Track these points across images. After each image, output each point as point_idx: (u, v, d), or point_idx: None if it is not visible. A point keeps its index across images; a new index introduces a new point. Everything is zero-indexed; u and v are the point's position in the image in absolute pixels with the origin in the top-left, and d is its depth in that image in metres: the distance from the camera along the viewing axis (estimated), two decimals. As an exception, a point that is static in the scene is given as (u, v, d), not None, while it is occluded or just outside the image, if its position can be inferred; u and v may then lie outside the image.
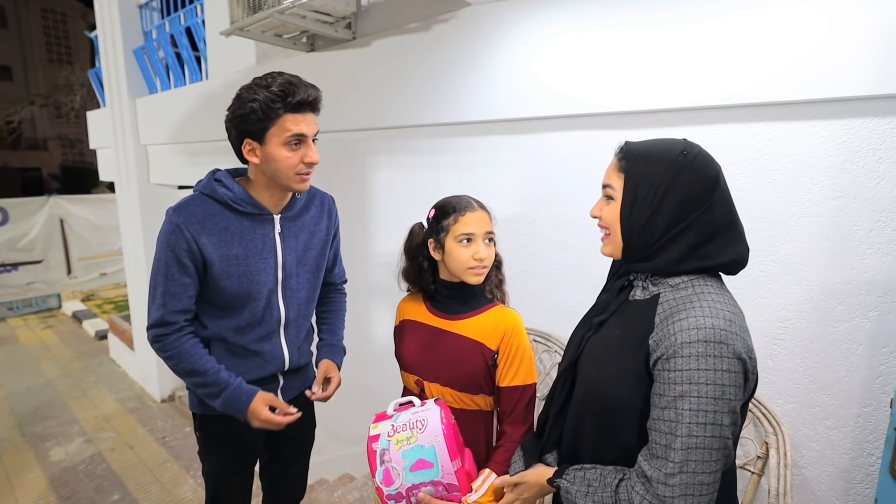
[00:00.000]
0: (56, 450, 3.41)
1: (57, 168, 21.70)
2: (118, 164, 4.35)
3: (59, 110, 17.97)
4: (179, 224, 1.15)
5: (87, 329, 6.26)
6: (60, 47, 22.94)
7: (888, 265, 1.13)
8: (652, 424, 0.77)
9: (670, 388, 0.74)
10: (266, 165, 1.18)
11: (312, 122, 1.19)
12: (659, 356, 0.76)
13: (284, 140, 1.14)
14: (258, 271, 1.24)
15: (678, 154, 0.80)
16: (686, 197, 0.79)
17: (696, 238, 0.80)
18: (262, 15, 2.05)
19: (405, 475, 1.05)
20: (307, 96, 1.15)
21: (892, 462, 1.01)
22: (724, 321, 0.74)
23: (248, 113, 1.13)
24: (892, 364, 1.13)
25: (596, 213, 0.91)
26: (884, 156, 1.12)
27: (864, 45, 1.09)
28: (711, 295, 0.78)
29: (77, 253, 8.50)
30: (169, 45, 3.73)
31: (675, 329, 0.75)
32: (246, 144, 1.17)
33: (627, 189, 0.83)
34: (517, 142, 1.78)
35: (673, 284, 0.82)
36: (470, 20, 1.81)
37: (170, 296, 1.17)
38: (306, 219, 1.34)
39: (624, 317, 0.88)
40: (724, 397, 0.72)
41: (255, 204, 1.22)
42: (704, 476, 0.73)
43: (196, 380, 1.21)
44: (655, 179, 0.80)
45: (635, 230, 0.83)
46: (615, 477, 0.82)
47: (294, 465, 1.55)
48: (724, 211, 0.81)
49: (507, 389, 1.15)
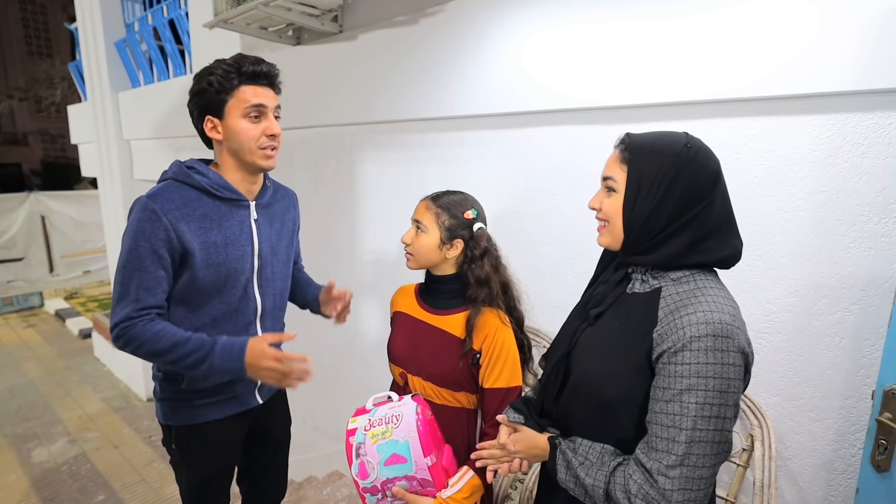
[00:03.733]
0: (39, 450, 3.35)
1: (38, 164, 21.26)
2: (101, 159, 4.26)
3: (39, 104, 17.62)
4: (157, 210, 1.08)
5: (70, 328, 6.16)
6: (40, 40, 22.43)
7: (871, 259, 1.14)
8: (653, 418, 0.77)
9: (676, 382, 0.74)
10: (228, 142, 1.17)
11: (272, 96, 1.19)
12: (665, 350, 0.76)
13: (243, 112, 1.14)
14: (235, 259, 1.20)
15: (682, 147, 0.80)
16: (689, 191, 0.79)
17: (697, 232, 0.80)
18: (247, 7, 2.01)
19: (380, 469, 1.05)
20: (261, 67, 1.15)
21: (874, 453, 1.03)
22: (728, 315, 0.75)
23: (205, 87, 1.13)
24: (874, 357, 1.15)
25: (595, 204, 0.89)
26: (867, 150, 1.13)
27: (849, 41, 1.10)
28: (714, 290, 0.79)
29: (59, 250, 8.34)
30: (152, 38, 3.66)
31: (683, 323, 0.75)
32: (207, 122, 1.17)
33: (631, 181, 0.82)
34: (505, 136, 1.78)
35: (675, 278, 0.82)
36: (458, 14, 1.80)
37: (143, 290, 1.09)
38: (277, 208, 1.33)
39: (623, 309, 0.87)
40: (729, 391, 0.73)
41: (231, 189, 1.20)
42: (704, 470, 0.73)
43: (177, 353, 1.08)
44: (660, 172, 0.79)
45: (637, 223, 0.82)
46: (613, 458, 0.82)
47: (273, 466, 1.51)
48: (724, 206, 0.82)
49: (490, 391, 1.14)
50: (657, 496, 0.74)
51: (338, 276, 1.45)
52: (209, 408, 1.26)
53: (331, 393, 2.67)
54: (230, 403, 1.29)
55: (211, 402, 1.26)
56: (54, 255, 8.35)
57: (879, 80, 1.07)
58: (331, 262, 2.54)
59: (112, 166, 4.10)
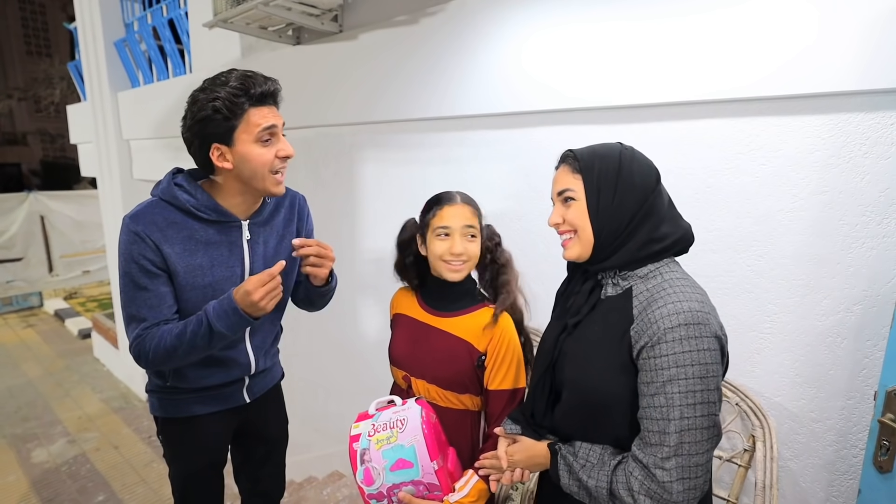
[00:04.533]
0: (38, 451, 3.35)
1: (37, 163, 21.25)
2: (100, 159, 4.26)
3: (38, 104, 17.60)
4: (139, 233, 1.07)
5: (69, 328, 6.16)
6: (39, 39, 22.41)
7: (873, 259, 1.14)
8: (643, 413, 0.79)
9: (658, 374, 0.77)
10: (240, 169, 1.09)
11: (278, 115, 1.13)
12: (643, 344, 0.79)
13: (256, 136, 1.07)
14: (223, 280, 1.16)
15: (621, 148, 0.88)
16: (640, 182, 0.85)
17: (654, 220, 0.85)
18: (247, 6, 2.01)
19: (385, 475, 1.04)
20: (269, 87, 1.09)
21: (876, 454, 1.03)
22: (697, 303, 0.78)
23: (210, 114, 1.04)
24: (876, 357, 1.15)
25: (556, 220, 0.92)
26: (869, 151, 1.12)
27: (851, 41, 1.09)
28: (680, 280, 0.83)
29: (59, 250, 8.33)
30: (151, 38, 3.65)
31: (655, 316, 0.78)
32: (214, 150, 1.08)
33: (589, 186, 0.87)
34: (506, 136, 1.77)
35: (642, 275, 0.86)
36: (458, 13, 1.79)
37: (148, 308, 1.09)
38: (276, 222, 1.27)
39: (599, 314, 0.90)
40: (709, 375, 0.76)
41: (220, 211, 1.14)
42: (698, 457, 0.76)
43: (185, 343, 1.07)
44: (611, 171, 0.86)
45: (606, 221, 0.86)
46: (613, 457, 0.84)
47: (268, 465, 1.49)
48: (665, 193, 0.89)
49: (495, 393, 1.14)
50: (658, 489, 0.76)
51: (338, 276, 1.44)
52: (193, 402, 1.26)
53: (330, 393, 2.66)
54: (216, 400, 1.28)
55: (195, 397, 1.26)
56: (53, 255, 8.34)
57: (881, 79, 1.07)
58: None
59: (111, 166, 4.09)
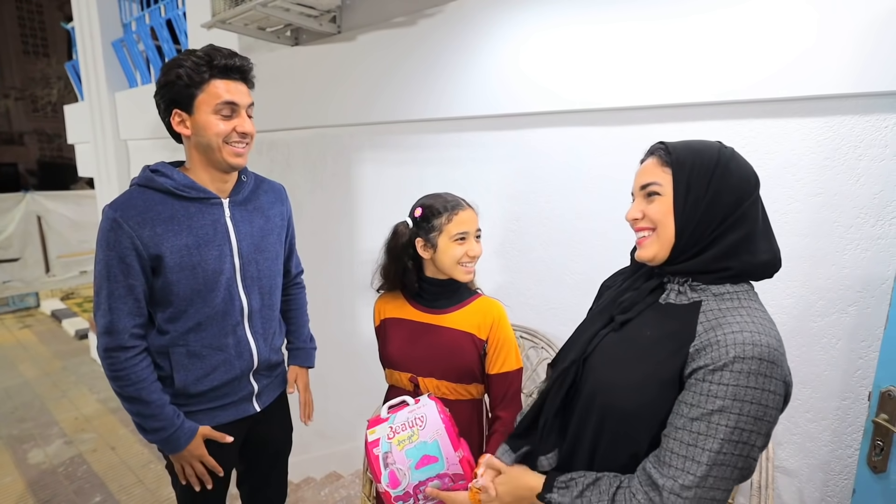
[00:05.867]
0: (35, 452, 3.34)
1: (34, 163, 21.17)
2: (97, 159, 4.25)
3: (35, 104, 17.54)
4: (117, 219, 1.06)
5: (66, 328, 6.13)
6: (36, 39, 22.35)
7: (867, 261, 1.15)
8: (673, 433, 0.72)
9: (708, 401, 0.70)
10: (196, 137, 1.12)
11: (245, 93, 1.13)
12: (702, 366, 0.71)
13: (214, 108, 1.09)
14: (212, 259, 1.16)
15: (720, 146, 0.80)
16: (738, 185, 0.77)
17: (748, 229, 0.77)
18: (245, 7, 2.01)
19: (411, 474, 1.05)
20: (234, 61, 1.10)
21: (870, 454, 1.04)
22: (775, 340, 0.71)
23: (173, 80, 1.07)
24: (871, 358, 1.16)
25: (636, 214, 0.84)
26: (863, 153, 1.13)
27: (847, 45, 1.10)
28: (759, 311, 0.75)
29: (56, 250, 8.29)
30: (149, 38, 3.65)
31: (727, 340, 0.71)
32: (175, 115, 1.11)
33: (678, 181, 0.79)
34: (503, 138, 1.78)
35: (717, 293, 0.78)
36: (456, 15, 1.80)
37: (115, 299, 1.09)
38: (259, 203, 1.27)
39: (654, 320, 0.82)
40: (765, 419, 0.69)
41: (197, 188, 1.14)
42: (718, 493, 0.70)
43: (137, 408, 1.13)
44: (707, 168, 0.77)
45: (692, 221, 0.78)
46: (611, 484, 0.77)
47: (272, 472, 1.48)
48: (763, 208, 0.80)
49: (497, 376, 1.18)
50: None
51: (336, 277, 1.44)
52: (203, 415, 1.23)
53: (329, 394, 2.66)
54: (226, 410, 1.26)
55: (204, 409, 1.23)
56: (50, 255, 8.31)
57: (877, 82, 1.08)
58: (329, 263, 2.54)
59: (109, 166, 4.08)
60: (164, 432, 1.14)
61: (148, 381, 1.13)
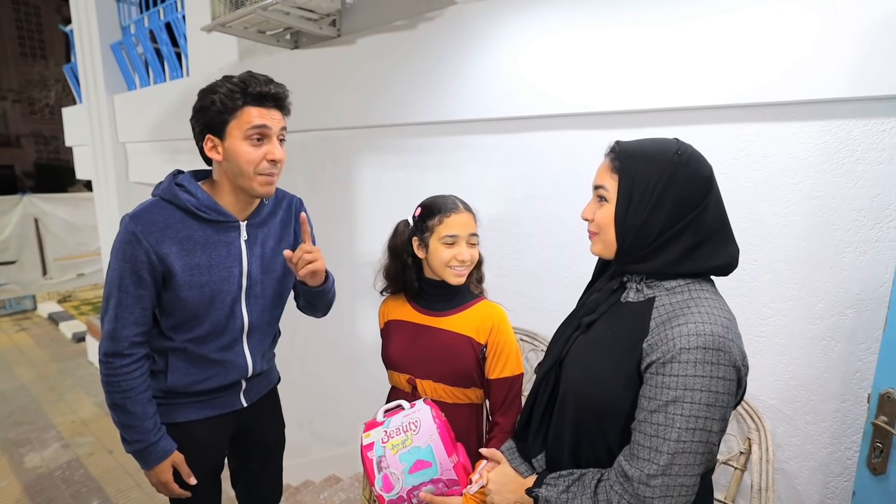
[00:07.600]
0: (31, 455, 3.32)
1: (31, 166, 21.10)
2: (95, 161, 4.25)
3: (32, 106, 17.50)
4: (137, 234, 1.09)
5: (63, 331, 6.11)
6: (34, 41, 22.33)
7: (866, 264, 1.16)
8: (637, 426, 0.77)
9: (663, 392, 0.73)
10: (227, 163, 1.13)
11: (277, 118, 1.14)
12: (654, 360, 0.75)
13: (245, 133, 1.10)
14: (222, 280, 1.18)
15: (673, 154, 0.79)
16: (682, 197, 0.78)
17: (691, 240, 0.79)
18: (245, 11, 2.01)
19: (405, 478, 1.05)
20: (269, 88, 1.11)
21: (870, 456, 1.04)
22: (721, 328, 0.73)
23: (208, 105, 1.09)
24: (870, 360, 1.16)
25: (588, 215, 0.88)
26: (861, 157, 1.14)
27: (846, 50, 1.11)
28: (708, 300, 0.78)
29: (53, 253, 8.28)
30: (148, 41, 3.65)
31: (673, 334, 0.74)
32: (207, 140, 1.13)
33: (622, 190, 0.81)
34: (503, 141, 1.78)
35: (669, 288, 0.81)
36: (456, 19, 1.81)
37: (122, 308, 1.12)
38: (273, 224, 1.29)
39: (615, 318, 0.86)
40: (717, 404, 0.72)
41: (220, 211, 1.16)
42: (686, 478, 0.73)
43: (119, 416, 1.15)
44: (651, 179, 0.78)
45: (630, 232, 0.80)
46: (593, 478, 0.81)
47: (265, 470, 1.49)
48: (718, 212, 0.81)
49: (497, 381, 1.17)
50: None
51: (335, 279, 1.44)
52: (189, 407, 1.25)
53: (328, 397, 2.66)
54: (213, 404, 1.28)
55: (192, 402, 1.26)
56: (47, 257, 8.29)
57: (874, 87, 1.09)
58: (329, 265, 2.53)
59: (107, 169, 4.08)
60: (139, 444, 1.16)
61: (136, 392, 1.15)
